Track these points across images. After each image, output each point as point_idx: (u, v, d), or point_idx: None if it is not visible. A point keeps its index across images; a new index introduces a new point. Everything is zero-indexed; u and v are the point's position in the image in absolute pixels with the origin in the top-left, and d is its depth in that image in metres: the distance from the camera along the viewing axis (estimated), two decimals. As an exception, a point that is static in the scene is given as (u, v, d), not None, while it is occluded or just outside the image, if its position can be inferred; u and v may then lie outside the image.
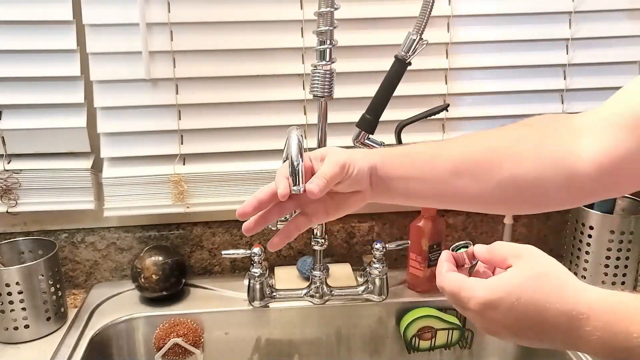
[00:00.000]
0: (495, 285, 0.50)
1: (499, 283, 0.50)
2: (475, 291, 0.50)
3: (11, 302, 0.94)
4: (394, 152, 0.66)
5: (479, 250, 0.55)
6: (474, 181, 0.63)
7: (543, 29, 1.08)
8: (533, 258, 0.51)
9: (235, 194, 1.10)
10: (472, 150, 0.64)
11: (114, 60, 1.02)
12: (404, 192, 0.65)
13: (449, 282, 0.53)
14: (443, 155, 0.64)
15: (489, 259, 0.54)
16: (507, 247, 0.53)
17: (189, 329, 1.02)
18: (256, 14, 1.02)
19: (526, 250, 0.52)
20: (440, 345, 1.06)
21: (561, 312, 0.48)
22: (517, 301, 0.48)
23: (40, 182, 1.05)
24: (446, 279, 0.54)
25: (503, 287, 0.49)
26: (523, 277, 0.49)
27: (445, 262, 0.56)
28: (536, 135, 0.64)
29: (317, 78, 0.90)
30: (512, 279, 0.50)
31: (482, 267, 0.56)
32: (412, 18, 0.88)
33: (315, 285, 1.05)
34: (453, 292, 0.52)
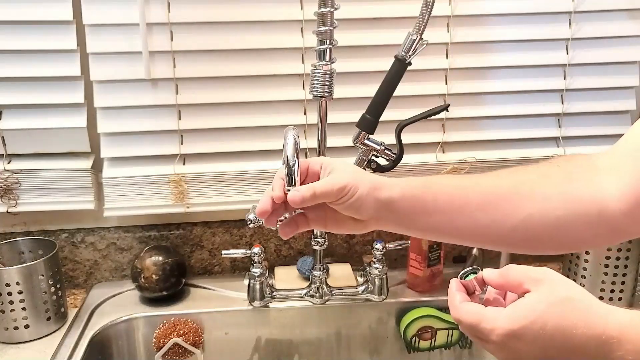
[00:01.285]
0: (517, 314, 0.47)
1: (522, 311, 0.47)
2: (497, 322, 0.47)
3: (11, 302, 0.94)
4: (415, 186, 0.62)
5: (490, 275, 0.52)
6: (500, 217, 0.60)
7: (543, 29, 1.08)
8: (553, 282, 0.48)
9: (235, 194, 1.10)
10: (499, 185, 0.62)
11: (114, 60, 1.02)
12: (423, 227, 0.62)
13: (467, 314, 0.50)
14: (468, 189, 0.62)
15: (502, 284, 0.51)
16: (522, 271, 0.50)
17: (189, 329, 1.02)
18: (256, 14, 1.02)
19: (545, 275, 0.49)
20: (440, 345, 1.06)
21: (590, 337, 0.45)
22: (543, 329, 0.46)
23: (40, 182, 1.05)
24: (463, 310, 0.50)
25: (526, 315, 0.47)
26: (546, 303, 0.47)
27: (457, 293, 0.53)
28: (562, 173, 0.62)
29: (317, 78, 0.90)
30: (535, 306, 0.47)
31: (492, 293, 0.54)
32: (412, 18, 0.88)
33: (315, 285, 1.05)
34: (472, 324, 0.49)
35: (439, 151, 1.13)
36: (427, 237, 0.62)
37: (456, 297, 0.52)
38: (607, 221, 0.59)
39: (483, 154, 1.13)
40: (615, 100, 1.14)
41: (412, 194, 0.61)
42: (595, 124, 1.15)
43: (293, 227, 0.63)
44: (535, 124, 1.14)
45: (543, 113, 1.13)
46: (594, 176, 0.61)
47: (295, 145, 0.61)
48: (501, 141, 1.14)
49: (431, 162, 1.12)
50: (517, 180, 0.62)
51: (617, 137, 1.19)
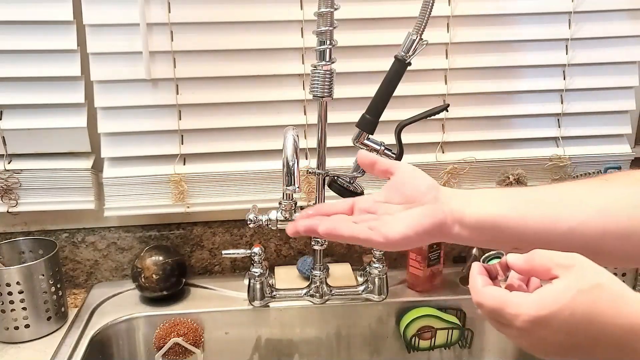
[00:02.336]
0: (546, 300, 0.45)
1: (550, 297, 0.45)
2: (522, 307, 0.46)
3: (11, 302, 0.95)
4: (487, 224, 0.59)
5: (515, 260, 0.50)
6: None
7: (543, 29, 1.08)
8: (583, 268, 0.46)
9: (235, 194, 1.10)
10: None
11: (114, 61, 1.02)
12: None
13: (490, 298, 0.48)
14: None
15: (528, 270, 0.49)
16: (550, 255, 0.48)
17: (189, 329, 1.02)
18: (256, 14, 1.02)
19: (575, 260, 0.47)
20: (440, 345, 1.06)
21: (619, 326, 0.44)
22: (572, 316, 0.44)
23: (40, 182, 1.05)
24: (486, 294, 0.48)
25: (555, 301, 0.45)
26: (576, 289, 0.45)
27: (479, 276, 0.50)
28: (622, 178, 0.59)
29: (317, 78, 0.90)
30: (564, 292, 0.45)
31: (515, 279, 0.51)
32: (412, 18, 0.88)
33: (315, 285, 1.05)
34: (495, 309, 0.47)
35: (438, 151, 1.13)
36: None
37: (478, 280, 0.50)
38: None
39: (483, 154, 1.13)
40: (615, 100, 1.14)
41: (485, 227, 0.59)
42: (595, 124, 1.15)
43: None
44: (535, 124, 1.14)
45: (543, 113, 1.13)
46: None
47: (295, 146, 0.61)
48: (501, 141, 1.14)
49: (431, 162, 1.12)
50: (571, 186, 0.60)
51: (617, 137, 1.20)
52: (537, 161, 1.14)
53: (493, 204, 0.60)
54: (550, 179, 1.15)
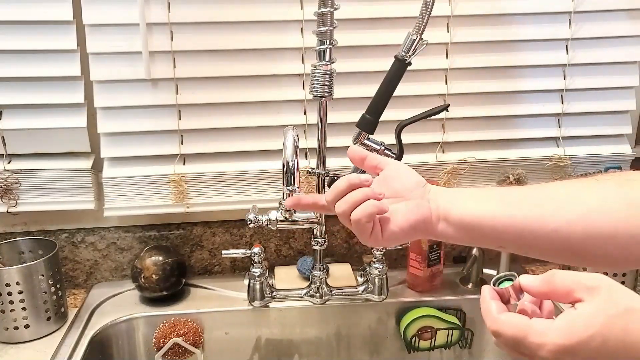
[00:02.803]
0: (574, 328, 0.42)
1: (578, 324, 0.41)
2: (547, 336, 0.42)
3: (11, 302, 0.94)
4: (470, 224, 0.59)
5: (530, 282, 0.46)
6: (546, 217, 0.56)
7: (543, 29, 1.08)
8: (611, 291, 0.43)
9: (235, 194, 1.10)
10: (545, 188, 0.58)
11: (114, 60, 1.02)
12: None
13: (510, 327, 0.44)
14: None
15: (547, 292, 0.45)
16: (571, 277, 0.44)
17: (189, 329, 1.02)
18: (256, 14, 1.02)
19: (600, 282, 0.43)
20: (440, 345, 1.06)
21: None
22: (603, 344, 0.41)
23: (40, 182, 1.05)
24: (504, 322, 0.44)
25: (585, 329, 0.41)
26: (605, 315, 0.41)
27: (493, 302, 0.46)
28: (616, 180, 0.57)
29: (317, 78, 0.90)
30: (593, 318, 0.41)
31: (527, 301, 0.48)
32: (412, 18, 0.88)
33: (315, 285, 1.05)
34: (517, 338, 0.43)
35: (438, 151, 1.13)
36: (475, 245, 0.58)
37: (492, 307, 0.46)
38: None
39: (483, 154, 1.13)
40: (615, 100, 1.14)
41: (468, 226, 0.59)
42: (595, 124, 1.15)
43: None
44: (535, 124, 1.14)
45: (543, 113, 1.13)
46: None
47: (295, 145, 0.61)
48: (501, 141, 1.14)
49: (431, 162, 1.12)
50: (561, 185, 0.58)
51: (617, 137, 1.20)
52: (537, 161, 1.14)
53: (479, 202, 0.59)
54: (550, 179, 1.15)
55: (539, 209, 0.57)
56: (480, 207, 0.59)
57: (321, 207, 0.63)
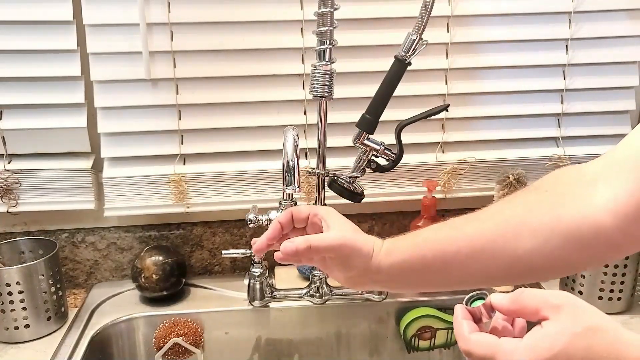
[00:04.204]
0: (539, 346, 0.43)
1: (543, 343, 0.43)
2: (515, 354, 0.43)
3: (11, 302, 0.94)
4: (403, 250, 0.62)
5: (500, 301, 0.48)
6: (490, 261, 0.58)
7: (543, 29, 1.08)
8: (576, 309, 0.44)
9: (235, 194, 1.10)
10: (484, 230, 0.59)
11: (114, 60, 1.02)
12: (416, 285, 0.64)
13: (480, 347, 0.45)
14: (455, 239, 0.60)
15: (516, 310, 0.47)
16: (538, 296, 0.45)
17: (189, 329, 1.02)
18: (256, 14, 1.02)
19: (565, 300, 0.44)
20: (439, 345, 1.06)
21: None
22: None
23: (40, 182, 1.05)
24: (474, 342, 0.46)
25: (550, 347, 0.42)
26: (570, 333, 0.42)
27: (465, 321, 0.48)
28: (550, 199, 0.58)
29: (317, 78, 0.90)
30: (558, 337, 0.42)
31: (500, 319, 0.49)
32: (412, 18, 0.88)
33: (315, 285, 1.05)
34: (486, 357, 0.45)
35: (438, 151, 1.13)
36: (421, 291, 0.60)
37: (464, 327, 0.48)
38: (603, 240, 0.55)
39: (483, 154, 1.13)
40: (615, 100, 1.14)
41: (402, 261, 0.61)
42: (594, 124, 1.15)
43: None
44: (535, 124, 1.14)
45: (543, 113, 1.13)
46: (585, 192, 0.56)
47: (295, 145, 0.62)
48: (501, 141, 1.14)
49: (431, 162, 1.12)
50: (501, 220, 0.59)
51: (617, 137, 1.20)
52: (537, 161, 1.14)
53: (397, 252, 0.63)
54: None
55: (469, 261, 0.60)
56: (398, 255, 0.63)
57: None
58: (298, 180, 0.61)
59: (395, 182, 1.12)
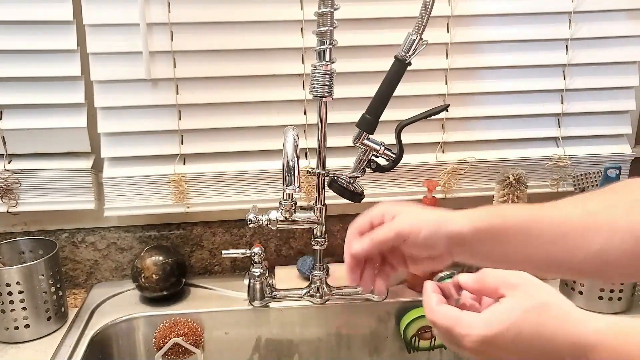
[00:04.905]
0: (492, 320, 0.46)
1: (496, 317, 0.46)
2: (471, 327, 0.47)
3: (11, 302, 0.94)
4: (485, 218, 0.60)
5: (466, 280, 0.52)
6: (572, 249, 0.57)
7: (543, 29, 1.08)
8: (529, 287, 0.48)
9: (235, 194, 1.10)
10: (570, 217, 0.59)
11: (114, 60, 1.02)
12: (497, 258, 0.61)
13: (442, 318, 0.49)
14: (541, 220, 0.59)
15: (479, 289, 0.51)
16: (498, 275, 0.49)
17: (189, 329, 1.02)
18: (256, 14, 1.02)
19: (521, 279, 0.49)
20: (440, 345, 1.06)
21: (566, 344, 0.45)
22: (518, 336, 0.45)
23: (40, 182, 1.05)
24: (439, 313, 0.50)
25: (501, 321, 0.46)
26: (521, 309, 0.46)
27: (434, 294, 0.52)
28: (626, 202, 0.58)
29: (317, 78, 0.90)
30: (510, 312, 0.46)
31: (468, 297, 0.53)
32: (412, 18, 0.88)
33: (316, 285, 1.05)
34: (447, 328, 0.49)
35: (438, 151, 1.13)
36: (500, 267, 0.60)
37: (432, 299, 0.51)
38: None
39: (483, 154, 1.13)
40: (615, 100, 1.14)
41: (485, 226, 0.59)
42: (595, 124, 1.15)
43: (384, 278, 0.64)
44: (534, 124, 1.14)
45: (543, 113, 1.13)
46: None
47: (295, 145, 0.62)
48: (501, 141, 1.14)
49: (431, 162, 1.12)
50: (586, 212, 0.59)
51: (617, 137, 1.20)
52: (537, 161, 1.14)
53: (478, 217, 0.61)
54: (550, 178, 1.15)
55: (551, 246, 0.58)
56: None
57: None
58: (298, 180, 0.61)
59: (395, 182, 1.12)
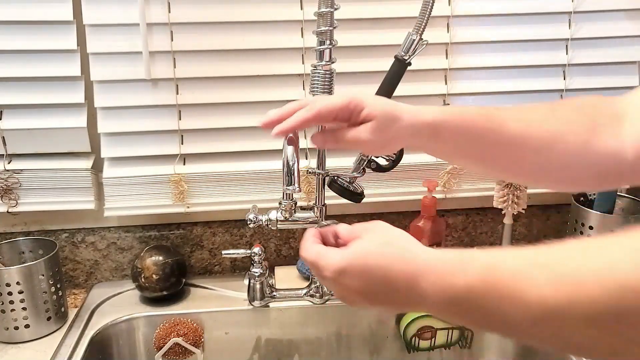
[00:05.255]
0: (346, 253, 0.54)
1: (349, 250, 0.54)
2: (330, 259, 0.54)
3: (11, 302, 0.95)
4: (451, 120, 0.64)
5: (340, 228, 0.59)
6: (527, 156, 0.63)
7: (543, 29, 1.08)
8: (380, 229, 0.56)
9: (235, 194, 1.10)
10: (533, 123, 0.64)
11: (114, 60, 1.02)
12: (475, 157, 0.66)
13: (310, 253, 0.57)
14: (500, 126, 0.64)
15: (349, 237, 0.57)
16: (364, 225, 0.57)
17: (189, 329, 1.02)
18: (256, 14, 1.02)
19: (376, 225, 0.57)
20: (440, 345, 1.06)
21: (403, 272, 0.50)
22: (365, 266, 0.52)
23: (40, 182, 1.05)
24: (308, 250, 0.57)
25: (352, 253, 0.53)
26: (369, 244, 0.54)
27: (310, 236, 0.59)
28: (586, 123, 0.63)
29: (317, 78, 0.90)
30: (360, 247, 0.54)
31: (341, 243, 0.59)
32: (412, 18, 0.88)
33: (316, 284, 1.05)
34: (312, 261, 0.56)
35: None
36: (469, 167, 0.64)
37: (308, 240, 0.58)
38: (617, 172, 0.61)
39: (483, 154, 1.13)
40: (615, 100, 1.14)
41: (469, 119, 0.63)
42: (595, 124, 1.15)
43: (327, 139, 0.66)
44: (535, 124, 1.14)
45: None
46: (615, 126, 0.61)
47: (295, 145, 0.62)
48: (501, 141, 1.14)
49: (431, 162, 1.12)
50: (544, 124, 0.64)
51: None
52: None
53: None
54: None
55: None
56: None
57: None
58: (298, 180, 0.61)
59: (395, 182, 1.12)
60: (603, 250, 0.41)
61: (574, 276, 0.40)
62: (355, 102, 0.62)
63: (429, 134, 0.63)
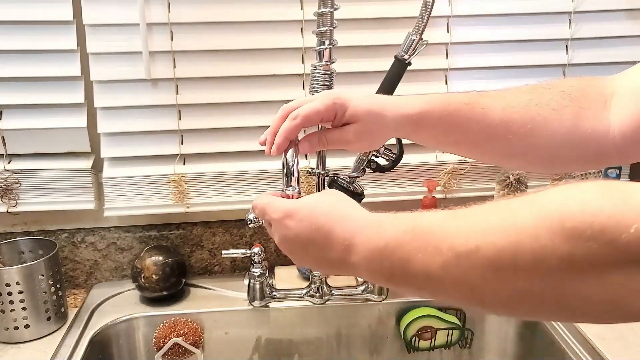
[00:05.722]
0: (296, 200, 0.58)
1: (300, 199, 0.58)
2: (280, 203, 0.58)
3: (11, 302, 0.94)
4: (433, 115, 0.65)
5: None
6: (507, 142, 0.64)
7: (543, 29, 1.08)
8: (330, 191, 0.60)
9: (235, 194, 1.10)
10: (515, 109, 0.64)
11: (114, 60, 1.02)
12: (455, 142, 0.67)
13: (261, 199, 0.60)
14: (484, 114, 0.64)
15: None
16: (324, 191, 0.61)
17: (189, 329, 1.02)
18: (256, 14, 1.02)
19: (329, 190, 0.61)
20: (440, 345, 1.06)
21: (342, 233, 0.53)
22: (312, 213, 0.55)
23: (40, 182, 1.05)
24: (259, 197, 0.61)
25: (302, 200, 0.57)
26: (321, 197, 0.58)
27: (271, 194, 0.62)
28: (573, 108, 0.63)
29: (317, 78, 0.90)
30: (312, 198, 0.58)
31: None
32: (412, 18, 0.88)
33: (315, 285, 1.05)
34: (263, 206, 0.59)
35: (438, 151, 1.13)
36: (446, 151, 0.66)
37: (266, 194, 0.62)
38: (602, 154, 0.62)
39: (483, 154, 1.13)
40: (615, 100, 1.14)
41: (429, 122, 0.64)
42: (595, 124, 1.15)
43: (313, 143, 0.68)
44: (535, 124, 1.14)
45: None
46: (601, 108, 0.62)
47: (295, 145, 0.62)
48: (501, 141, 1.14)
49: (431, 162, 1.12)
50: (528, 114, 0.64)
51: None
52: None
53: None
54: (550, 178, 1.15)
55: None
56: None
57: None
58: (298, 180, 0.61)
59: (396, 182, 1.12)
60: (510, 205, 0.43)
61: (481, 225, 0.43)
62: (339, 102, 0.64)
63: (412, 126, 0.64)
